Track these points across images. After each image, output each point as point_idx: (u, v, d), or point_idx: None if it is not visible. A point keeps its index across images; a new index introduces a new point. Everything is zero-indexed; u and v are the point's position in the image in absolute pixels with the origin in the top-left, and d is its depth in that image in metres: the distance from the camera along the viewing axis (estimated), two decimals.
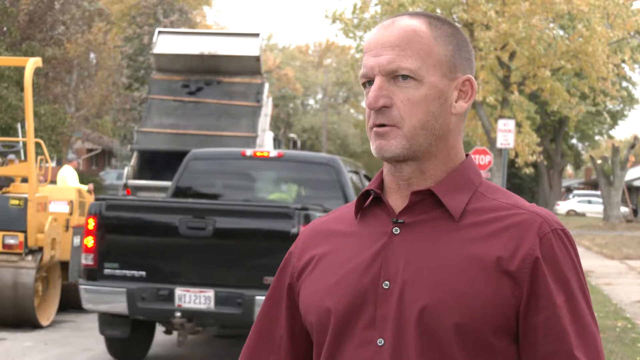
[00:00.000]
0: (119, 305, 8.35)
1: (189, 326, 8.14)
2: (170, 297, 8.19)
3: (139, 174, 20.39)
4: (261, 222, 8.17)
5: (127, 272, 8.42)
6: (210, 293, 8.07)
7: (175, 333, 8.88)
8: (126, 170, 20.67)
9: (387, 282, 1.79)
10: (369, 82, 1.84)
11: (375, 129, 1.82)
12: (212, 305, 8.06)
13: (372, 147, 1.83)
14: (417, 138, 1.81)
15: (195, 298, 8.13)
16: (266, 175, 10.17)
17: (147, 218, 8.62)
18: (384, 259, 1.81)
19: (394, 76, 1.81)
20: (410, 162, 1.82)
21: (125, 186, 20.35)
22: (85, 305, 8.57)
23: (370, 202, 1.89)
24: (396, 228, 1.83)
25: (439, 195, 1.82)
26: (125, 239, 8.59)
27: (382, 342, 1.77)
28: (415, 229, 1.82)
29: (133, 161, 20.59)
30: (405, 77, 1.81)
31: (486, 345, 1.74)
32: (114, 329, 8.84)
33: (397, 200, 1.86)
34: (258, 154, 9.92)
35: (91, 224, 8.52)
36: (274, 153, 9.93)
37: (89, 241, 8.54)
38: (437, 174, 1.84)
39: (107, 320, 8.81)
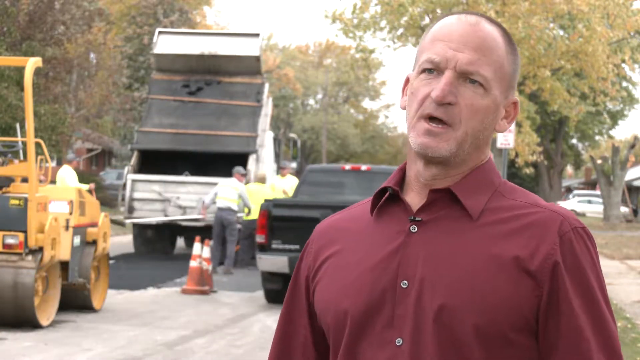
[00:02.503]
0: (283, 267, 12.61)
1: None
2: None
3: (138, 173, 20.38)
4: None
5: (287, 246, 12.75)
6: None
7: None
8: (126, 170, 20.67)
9: (405, 281, 1.77)
10: (430, 70, 1.80)
11: (427, 125, 1.78)
12: None
13: (415, 140, 1.79)
14: (464, 145, 1.78)
15: None
16: (358, 182, 14.34)
17: (300, 212, 13.01)
18: (402, 257, 1.79)
19: (465, 77, 1.77)
20: (440, 165, 1.80)
21: (125, 186, 20.35)
22: (261, 267, 12.86)
23: (386, 199, 1.86)
24: (414, 226, 1.80)
25: (458, 195, 1.79)
26: (286, 224, 12.90)
27: (401, 342, 1.75)
28: (433, 227, 1.79)
29: (133, 161, 20.58)
30: (474, 81, 1.77)
31: (505, 343, 1.72)
32: (272, 284, 13.16)
33: (414, 198, 1.83)
34: (353, 167, 14.75)
35: (263, 215, 12.90)
36: (364, 167, 14.68)
37: (262, 227, 12.83)
38: (462, 176, 1.82)
39: (267, 278, 13.16)
